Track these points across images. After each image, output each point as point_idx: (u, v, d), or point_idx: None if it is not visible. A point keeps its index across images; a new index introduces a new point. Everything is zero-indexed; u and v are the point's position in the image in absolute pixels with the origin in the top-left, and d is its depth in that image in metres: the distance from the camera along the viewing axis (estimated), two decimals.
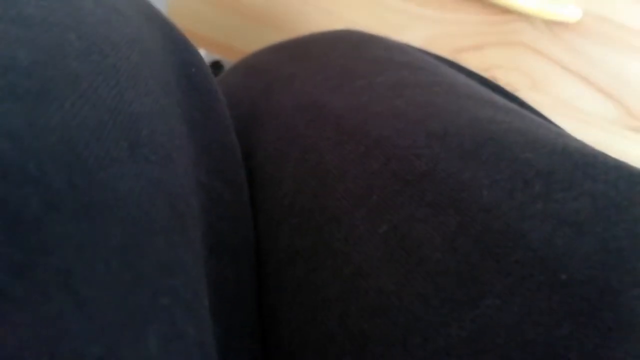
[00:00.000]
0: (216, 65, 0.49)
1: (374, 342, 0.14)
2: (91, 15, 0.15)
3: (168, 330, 0.11)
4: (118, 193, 0.12)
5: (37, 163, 0.10)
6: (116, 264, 0.11)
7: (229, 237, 0.17)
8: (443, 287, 0.14)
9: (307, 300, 0.16)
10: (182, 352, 0.11)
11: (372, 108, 0.19)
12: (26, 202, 0.10)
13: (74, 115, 0.12)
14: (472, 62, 0.39)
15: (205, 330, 0.13)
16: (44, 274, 0.10)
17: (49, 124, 0.11)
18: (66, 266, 0.10)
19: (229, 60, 0.43)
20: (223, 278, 0.16)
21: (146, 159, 0.13)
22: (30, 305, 0.09)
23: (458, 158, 0.16)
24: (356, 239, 0.16)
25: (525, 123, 0.17)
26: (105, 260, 0.11)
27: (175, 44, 0.19)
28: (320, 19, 0.40)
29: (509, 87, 0.26)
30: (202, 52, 0.46)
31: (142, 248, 0.12)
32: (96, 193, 0.11)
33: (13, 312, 0.09)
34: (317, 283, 0.16)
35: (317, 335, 0.16)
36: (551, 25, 0.37)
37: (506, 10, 0.37)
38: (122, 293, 0.11)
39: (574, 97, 0.39)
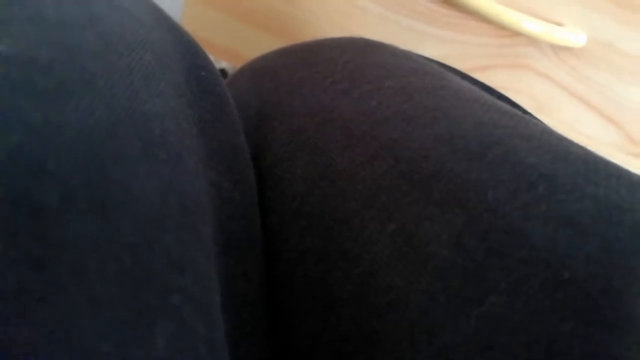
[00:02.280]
0: (222, 73, 0.50)
1: (385, 339, 0.14)
2: (106, 16, 0.15)
3: (177, 328, 0.11)
4: (131, 191, 0.12)
5: (55, 158, 0.11)
6: (127, 261, 0.11)
7: (238, 235, 0.18)
8: (449, 284, 0.14)
9: (319, 301, 0.16)
10: (190, 349, 0.11)
11: (380, 112, 0.19)
12: (45, 196, 0.10)
13: (90, 113, 0.12)
14: None
15: (216, 327, 0.13)
16: (61, 269, 0.10)
17: (66, 121, 0.11)
18: (81, 262, 0.10)
19: (237, 67, 0.44)
20: (232, 275, 0.16)
21: (158, 158, 0.13)
22: (48, 301, 0.09)
23: (464, 159, 0.16)
24: (366, 239, 0.16)
25: (529, 128, 0.17)
26: (117, 257, 0.11)
27: (186, 47, 0.20)
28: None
29: None
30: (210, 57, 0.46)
31: (152, 246, 0.12)
32: (110, 190, 0.11)
33: (31, 307, 0.09)
34: (329, 284, 0.16)
35: (331, 335, 0.16)
36: (557, 49, 0.38)
37: (513, 34, 0.38)
38: (132, 290, 0.11)
39: (577, 122, 0.39)
